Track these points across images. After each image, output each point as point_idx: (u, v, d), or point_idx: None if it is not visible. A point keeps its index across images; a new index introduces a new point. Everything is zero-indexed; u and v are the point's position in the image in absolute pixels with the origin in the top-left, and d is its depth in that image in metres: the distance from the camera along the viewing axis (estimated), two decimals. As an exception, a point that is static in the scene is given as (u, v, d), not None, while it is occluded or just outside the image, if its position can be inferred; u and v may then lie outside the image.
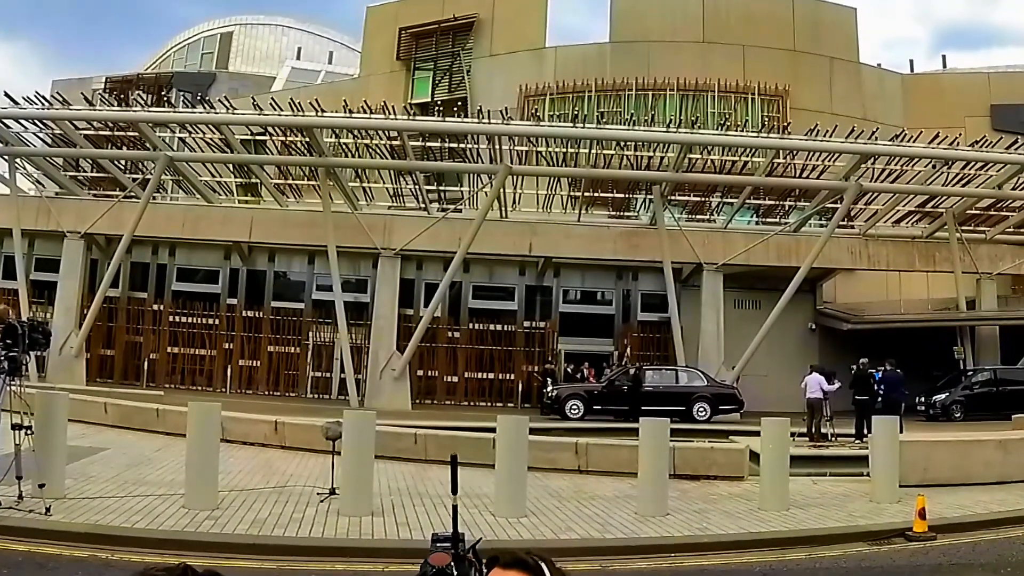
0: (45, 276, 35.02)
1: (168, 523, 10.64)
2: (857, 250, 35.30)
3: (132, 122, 31.78)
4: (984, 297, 36.15)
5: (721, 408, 30.22)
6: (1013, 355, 34.49)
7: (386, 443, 15.81)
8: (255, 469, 15.38)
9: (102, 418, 20.55)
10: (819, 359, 31.17)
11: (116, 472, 14.08)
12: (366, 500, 11.96)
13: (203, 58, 63.87)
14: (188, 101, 35.78)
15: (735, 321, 34.02)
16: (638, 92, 42.42)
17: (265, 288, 37.89)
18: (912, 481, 14.27)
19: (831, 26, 45.30)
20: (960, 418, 31.16)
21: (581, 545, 10.84)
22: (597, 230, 34.76)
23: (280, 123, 31.51)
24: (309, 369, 36.85)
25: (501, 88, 42.57)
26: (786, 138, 31.69)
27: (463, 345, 36.73)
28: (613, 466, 15.84)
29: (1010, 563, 10.45)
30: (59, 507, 10.77)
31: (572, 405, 29.90)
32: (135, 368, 36.05)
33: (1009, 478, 15.42)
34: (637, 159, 32.89)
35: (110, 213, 32.77)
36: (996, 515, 12.86)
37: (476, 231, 30.71)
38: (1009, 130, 39.48)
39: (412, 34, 46.11)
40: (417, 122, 32.80)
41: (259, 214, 35.78)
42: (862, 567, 10.39)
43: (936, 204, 35.05)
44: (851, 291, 39.92)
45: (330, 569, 9.59)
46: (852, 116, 38.42)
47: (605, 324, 38.19)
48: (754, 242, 33.71)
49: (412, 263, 35.94)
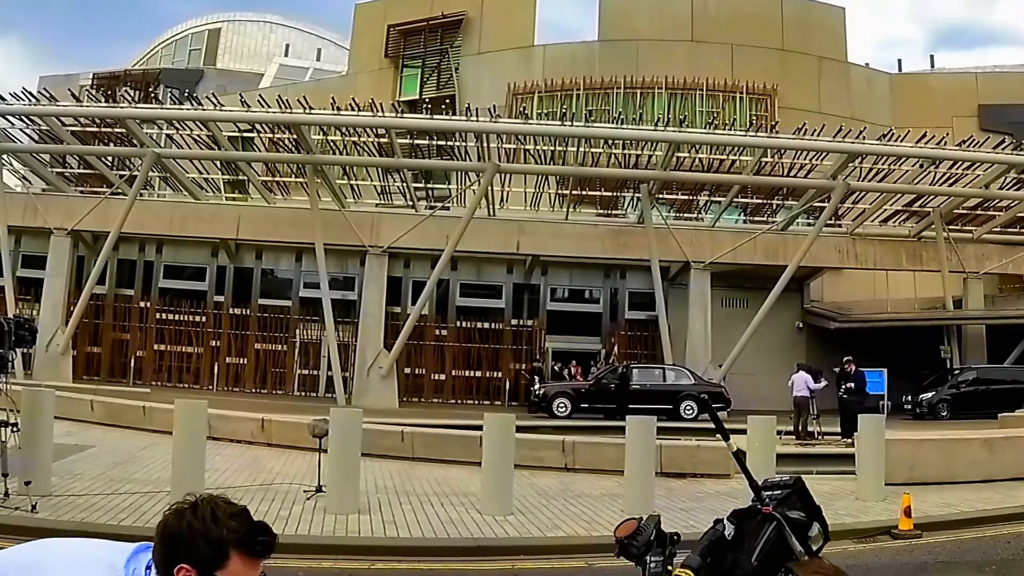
0: (31, 273, 34.83)
1: (154, 521, 10.47)
2: (844, 249, 35.38)
3: (119, 118, 31.64)
4: (971, 296, 36.27)
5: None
6: (999, 354, 34.66)
7: (373, 441, 15.80)
8: (242, 467, 15.36)
9: (88, 416, 20.50)
10: (806, 358, 31.28)
11: (102, 470, 14.05)
12: (353, 498, 11.95)
13: (191, 54, 63.69)
14: (176, 98, 35.53)
15: (722, 320, 34.06)
16: (627, 91, 42.45)
17: (252, 285, 37.78)
18: (898, 479, 14.32)
19: (820, 26, 45.42)
20: (947, 417, 31.21)
21: (567, 543, 10.85)
22: (585, 228, 34.77)
23: (268, 120, 31.44)
24: (296, 367, 36.77)
25: (489, 86, 42.55)
26: (774, 137, 31.75)
27: (451, 343, 36.71)
28: (600, 464, 15.86)
29: (995, 561, 10.50)
30: (45, 505, 10.73)
31: (559, 403, 29.91)
32: (122, 365, 35.91)
33: (995, 477, 15.48)
34: (625, 157, 32.92)
35: (97, 210, 32.65)
36: (981, 513, 12.92)
37: (464, 229, 30.69)
38: (996, 130, 39.65)
39: (400, 31, 46.04)
40: (405, 120, 32.81)
41: (246, 211, 35.69)
42: (847, 565, 10.28)
43: (923, 203, 35.17)
44: (838, 290, 40.03)
45: (316, 567, 9.57)
46: (840, 115, 38.49)
47: (593, 322, 38.23)
48: (742, 241, 33.76)
49: (400, 261, 35.89)
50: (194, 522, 2.41)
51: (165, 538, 2.43)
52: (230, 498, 2.60)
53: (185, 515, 2.43)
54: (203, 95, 36.45)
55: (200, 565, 2.38)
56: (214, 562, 2.39)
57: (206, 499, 2.48)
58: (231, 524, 2.42)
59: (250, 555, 2.45)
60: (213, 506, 2.45)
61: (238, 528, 2.43)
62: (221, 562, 2.40)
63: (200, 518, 2.41)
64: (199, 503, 2.46)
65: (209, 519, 2.40)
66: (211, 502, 2.46)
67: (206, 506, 2.44)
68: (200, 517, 2.41)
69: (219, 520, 2.41)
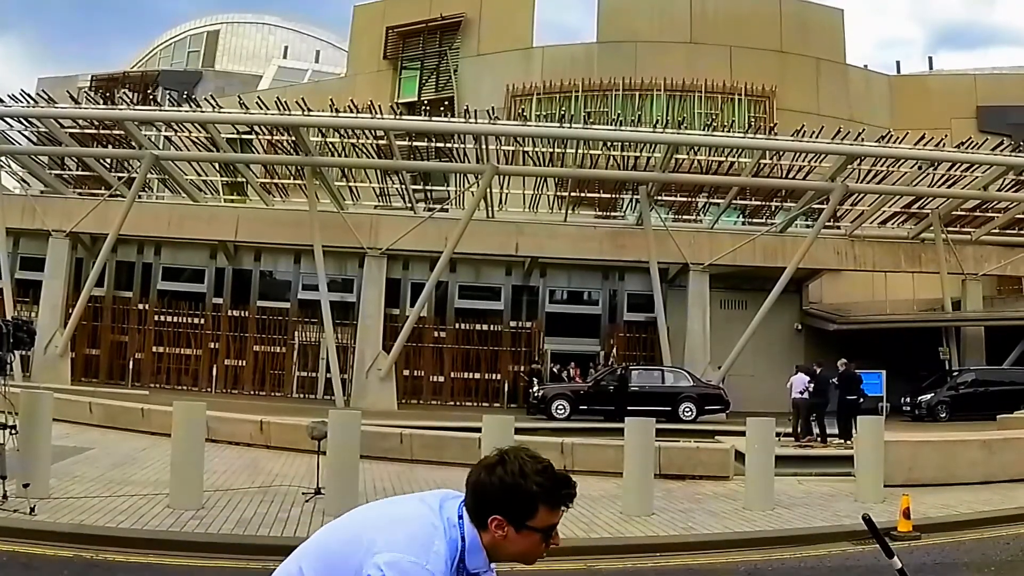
0: (30, 275, 34.80)
1: (153, 523, 10.59)
2: (843, 251, 35.40)
3: (118, 120, 31.65)
4: (969, 298, 36.29)
5: (707, 408, 30.27)
6: (998, 356, 34.67)
7: (372, 443, 15.78)
8: (240, 469, 15.34)
9: (87, 418, 20.47)
10: (805, 359, 31.22)
11: (101, 472, 14.03)
12: (351, 500, 11.90)
13: (189, 56, 63.64)
14: (174, 99, 35.66)
15: (721, 321, 34.07)
16: (625, 92, 42.45)
17: (251, 287, 37.77)
18: (897, 481, 14.32)
19: (818, 27, 45.42)
20: (945, 418, 31.22)
21: (566, 545, 10.79)
22: (583, 230, 34.78)
23: (266, 122, 31.44)
24: (295, 369, 36.76)
25: (488, 88, 42.54)
26: (773, 139, 31.78)
27: (449, 345, 36.71)
28: (599, 466, 15.83)
29: (994, 563, 10.49)
30: (44, 507, 10.71)
31: (558, 405, 29.90)
32: (120, 368, 35.89)
33: (994, 478, 15.48)
34: (624, 159, 32.92)
35: (95, 212, 32.65)
36: (980, 515, 12.91)
37: (462, 231, 30.69)
38: (995, 131, 39.67)
39: (399, 33, 46.03)
40: (404, 121, 32.78)
41: (245, 213, 35.69)
42: (846, 566, 10.41)
43: (922, 205, 35.19)
44: (837, 292, 40.04)
45: (315, 569, 9.54)
46: (839, 117, 38.52)
47: (591, 324, 38.22)
48: (740, 242, 33.77)
49: (398, 263, 35.89)
50: (505, 477, 2.70)
51: (478, 492, 2.75)
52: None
53: (496, 471, 2.73)
54: (202, 97, 36.50)
55: (511, 516, 2.71)
56: (524, 514, 2.71)
57: (513, 454, 2.77)
58: (538, 480, 2.70)
59: (554, 506, 2.75)
60: (521, 462, 2.73)
61: (544, 483, 2.71)
62: (531, 514, 2.71)
63: (510, 473, 2.71)
64: (507, 458, 2.75)
65: (518, 475, 2.70)
66: (519, 457, 2.75)
67: (514, 462, 2.73)
68: (510, 472, 2.71)
69: (527, 476, 2.70)
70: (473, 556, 2.76)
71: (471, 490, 2.76)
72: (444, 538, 2.70)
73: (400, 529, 2.70)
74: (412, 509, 2.79)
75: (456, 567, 2.72)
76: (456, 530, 2.74)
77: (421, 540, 2.66)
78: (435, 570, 2.62)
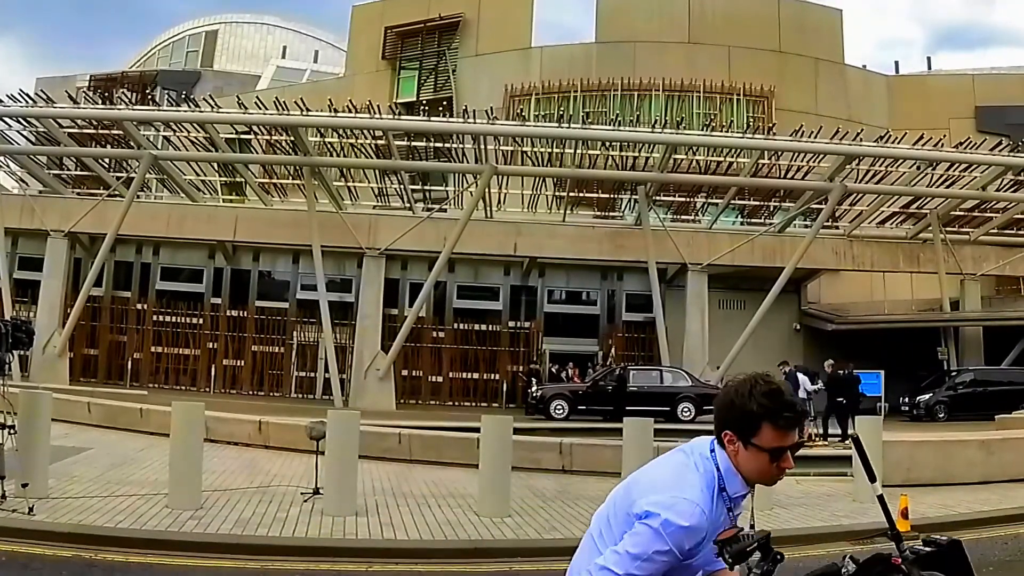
0: (28, 275, 34.82)
1: (152, 523, 10.57)
2: (842, 251, 35.43)
3: (116, 120, 31.64)
4: (968, 298, 36.33)
5: (706, 408, 30.15)
6: (996, 356, 34.70)
7: (370, 443, 15.77)
8: (239, 469, 15.32)
9: (85, 418, 20.43)
10: (803, 360, 31.32)
11: (99, 472, 14.01)
12: (350, 500, 11.92)
13: (188, 56, 63.69)
14: (173, 99, 35.63)
15: (720, 321, 34.08)
16: (624, 92, 42.47)
17: (249, 287, 37.81)
18: (895, 481, 14.30)
19: (816, 27, 45.46)
20: (944, 418, 31.27)
21: (565, 545, 10.80)
22: (582, 230, 34.80)
23: (265, 122, 31.43)
24: (293, 369, 36.80)
25: (487, 88, 42.55)
26: (771, 139, 31.80)
27: (448, 345, 36.74)
28: (597, 466, 15.80)
29: (992, 563, 10.49)
30: (42, 507, 10.69)
31: (557, 405, 29.87)
32: (119, 367, 35.90)
33: (992, 478, 15.47)
34: (622, 159, 32.94)
35: (94, 212, 32.65)
36: (978, 515, 12.90)
37: (461, 231, 30.70)
38: (993, 132, 39.68)
39: (398, 33, 46.06)
40: (402, 121, 32.78)
41: (244, 213, 35.69)
42: (845, 566, 10.40)
43: (920, 205, 35.22)
44: (836, 292, 40.07)
45: (314, 569, 9.55)
46: (837, 117, 38.58)
47: (590, 324, 38.26)
48: (739, 243, 33.78)
49: (397, 263, 35.91)
50: (735, 397, 3.02)
51: (717, 407, 3.11)
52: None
53: (731, 390, 3.06)
54: (200, 97, 36.51)
55: (738, 431, 3.01)
56: (748, 430, 2.99)
57: (748, 378, 3.05)
58: (762, 400, 2.96)
59: (777, 427, 2.97)
60: (752, 384, 3.01)
61: (768, 404, 2.96)
62: (755, 431, 2.98)
63: (739, 394, 3.01)
64: (742, 381, 3.06)
65: (746, 395, 2.99)
66: (752, 381, 3.03)
67: (746, 384, 3.02)
68: (740, 393, 3.01)
69: (753, 396, 2.97)
70: (731, 480, 3.05)
71: (715, 406, 3.13)
72: (698, 471, 3.04)
73: (658, 472, 3.14)
74: (670, 456, 3.21)
75: (718, 494, 3.02)
76: (709, 462, 3.06)
77: (676, 476, 3.03)
78: (692, 498, 2.92)
